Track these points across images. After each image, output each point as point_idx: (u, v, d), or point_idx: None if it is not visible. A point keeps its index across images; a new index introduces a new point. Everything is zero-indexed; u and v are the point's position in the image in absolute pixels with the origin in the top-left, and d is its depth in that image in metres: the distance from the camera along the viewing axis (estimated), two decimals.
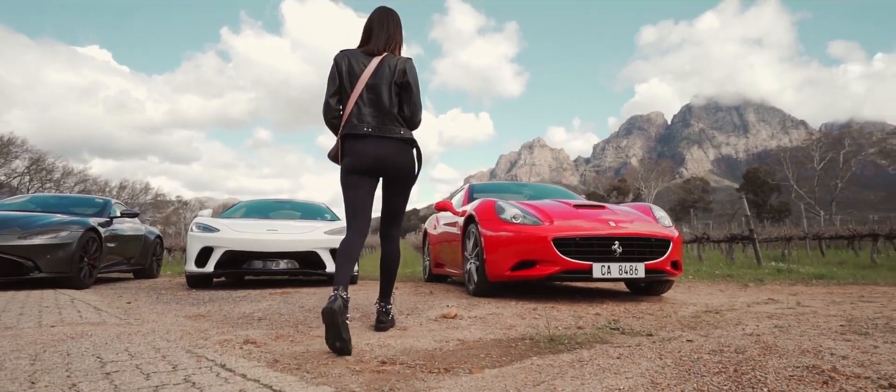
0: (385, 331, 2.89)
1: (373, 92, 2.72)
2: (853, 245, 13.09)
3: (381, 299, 3.00)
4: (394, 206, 2.95)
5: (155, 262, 8.32)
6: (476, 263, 4.53)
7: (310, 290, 5.22)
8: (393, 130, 2.74)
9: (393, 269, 2.98)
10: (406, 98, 2.80)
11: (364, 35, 2.88)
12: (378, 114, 2.73)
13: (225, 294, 4.87)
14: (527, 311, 3.60)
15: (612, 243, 3.99)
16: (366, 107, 2.72)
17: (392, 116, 2.75)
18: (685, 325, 3.06)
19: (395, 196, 2.92)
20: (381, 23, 2.85)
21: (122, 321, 3.17)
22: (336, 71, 2.77)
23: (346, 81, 2.74)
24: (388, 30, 2.84)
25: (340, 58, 2.78)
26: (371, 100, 2.72)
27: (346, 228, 2.74)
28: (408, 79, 2.78)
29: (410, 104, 2.80)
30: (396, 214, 2.98)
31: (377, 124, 2.72)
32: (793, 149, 66.65)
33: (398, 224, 3.02)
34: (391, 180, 2.85)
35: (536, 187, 6.40)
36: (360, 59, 2.77)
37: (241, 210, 6.96)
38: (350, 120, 2.72)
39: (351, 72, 2.75)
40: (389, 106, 2.74)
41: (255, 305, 3.98)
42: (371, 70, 2.73)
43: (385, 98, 2.73)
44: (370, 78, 2.73)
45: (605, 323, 3.15)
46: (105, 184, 48.05)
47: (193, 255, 5.48)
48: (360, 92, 2.71)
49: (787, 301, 4.28)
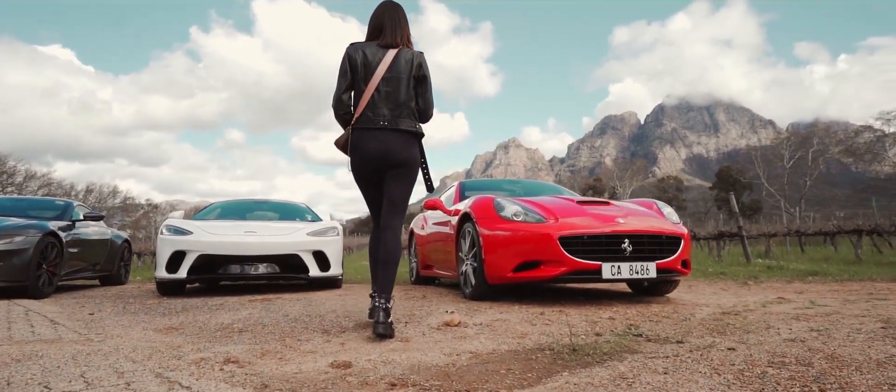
0: (387, 336, 2.58)
1: (390, 85, 2.72)
2: (833, 241, 13.19)
3: (382, 294, 2.66)
4: (396, 196, 2.83)
5: (123, 268, 7.81)
6: (473, 265, 4.23)
7: (292, 296, 4.85)
8: (407, 124, 2.76)
9: (393, 261, 2.76)
10: (421, 91, 2.83)
11: (374, 29, 2.85)
12: (394, 107, 2.73)
13: (199, 302, 4.47)
14: (534, 316, 3.31)
15: (622, 241, 3.73)
16: (382, 99, 2.72)
17: (408, 109, 2.77)
18: (711, 329, 2.80)
19: (394, 184, 2.82)
20: (391, 16, 2.83)
21: (81, 337, 2.78)
22: (349, 64, 2.74)
23: (361, 74, 2.72)
24: (401, 23, 2.84)
25: (353, 50, 2.76)
26: (388, 93, 2.72)
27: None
28: (424, 72, 2.82)
29: (425, 98, 2.84)
30: (399, 204, 2.86)
31: (392, 117, 2.72)
32: (763, 148, 68.11)
33: (401, 214, 2.88)
34: (392, 169, 2.79)
35: (530, 184, 6.13)
36: (375, 52, 2.75)
37: (216, 211, 6.52)
38: (365, 113, 2.72)
39: (366, 64, 2.72)
40: (406, 99, 2.76)
41: (234, 315, 3.60)
42: (387, 63, 2.72)
43: (402, 91, 2.74)
44: (387, 71, 2.72)
45: (623, 328, 2.88)
46: (71, 187, 46.32)
47: (164, 259, 5.05)
48: (376, 85, 2.70)
49: (799, 300, 4.08)
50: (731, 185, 62.13)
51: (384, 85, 2.71)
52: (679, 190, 77.87)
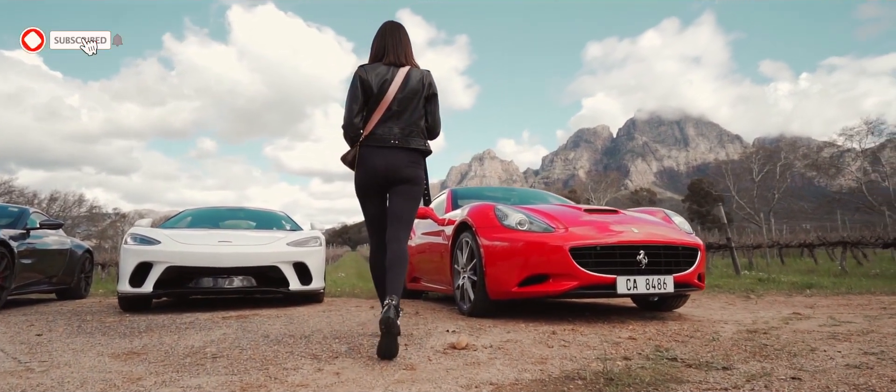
0: (394, 336, 2.36)
1: (402, 104, 2.74)
2: (812, 253, 13.23)
3: (392, 294, 2.47)
4: (402, 212, 2.79)
5: (83, 281, 7.21)
6: (472, 278, 3.88)
7: (271, 312, 4.42)
8: (416, 142, 2.77)
9: (402, 263, 2.66)
10: (430, 109, 2.86)
11: (377, 49, 2.87)
12: (405, 125, 2.75)
13: (166, 320, 4.01)
14: (547, 336, 2.97)
15: (637, 253, 3.42)
16: (393, 118, 2.73)
17: (418, 128, 2.79)
18: (751, 352, 2.50)
19: (403, 202, 2.80)
20: (393, 36, 2.86)
21: (19, 366, 2.33)
22: (361, 85, 2.74)
23: (374, 94, 2.72)
24: (404, 42, 2.87)
25: (364, 72, 2.76)
26: (399, 112, 2.73)
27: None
28: (434, 90, 2.86)
29: (434, 116, 2.87)
30: (405, 220, 2.81)
31: (403, 136, 2.74)
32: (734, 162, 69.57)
33: (407, 229, 2.83)
34: (401, 188, 2.78)
35: (524, 192, 5.81)
36: (385, 72, 2.76)
37: (187, 219, 6.03)
38: (375, 131, 2.72)
39: (379, 84, 2.72)
40: (417, 117, 2.78)
41: (206, 336, 3.18)
42: (399, 82, 2.74)
43: (413, 110, 2.76)
44: (399, 90, 2.73)
45: (651, 351, 2.57)
46: (33, 195, 44.39)
47: (128, 272, 4.56)
48: (389, 104, 2.71)
49: (818, 316, 3.84)
50: (703, 198, 63.31)
51: (396, 104, 2.73)
52: (652, 202, 78.96)
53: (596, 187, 77.06)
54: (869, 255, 14.21)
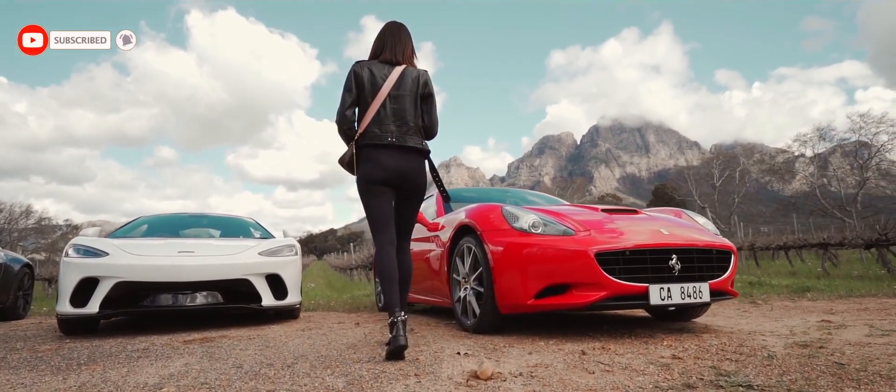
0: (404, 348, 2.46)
1: (397, 102, 2.73)
2: (787, 255, 13.27)
3: (401, 308, 2.56)
4: (407, 217, 2.90)
5: (21, 299, 6.40)
6: (476, 289, 3.39)
7: (242, 333, 3.83)
8: (414, 141, 2.76)
9: (406, 280, 2.80)
10: (427, 109, 2.84)
11: (377, 47, 2.86)
12: (401, 123, 2.73)
13: (114, 346, 3.38)
14: (577, 358, 2.51)
15: (669, 258, 3.01)
16: (388, 116, 2.72)
17: (415, 127, 2.77)
18: (825, 372, 2.10)
19: (408, 207, 2.88)
20: (393, 34, 2.85)
21: None
22: (355, 80, 2.73)
23: (368, 90, 2.72)
24: (404, 41, 2.85)
25: (359, 67, 2.76)
26: (394, 110, 2.73)
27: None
28: (430, 90, 2.84)
29: (431, 115, 2.85)
30: (411, 225, 2.94)
31: (399, 134, 2.72)
32: (695, 167, 71.29)
33: (410, 235, 2.95)
34: (408, 193, 2.83)
35: (521, 193, 5.36)
36: (381, 69, 2.76)
37: (142, 227, 5.35)
38: (370, 129, 2.70)
39: (373, 81, 2.72)
40: (413, 116, 2.77)
41: (164, 368, 2.59)
42: (393, 80, 2.73)
43: (409, 108, 2.76)
44: (393, 88, 2.73)
45: (711, 375, 2.14)
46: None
47: (69, 289, 3.89)
48: (382, 101, 2.71)
49: (851, 323, 3.51)
50: (667, 203, 64.62)
51: (391, 102, 2.72)
52: None
53: (562, 193, 77.83)
54: (840, 257, 14.36)
